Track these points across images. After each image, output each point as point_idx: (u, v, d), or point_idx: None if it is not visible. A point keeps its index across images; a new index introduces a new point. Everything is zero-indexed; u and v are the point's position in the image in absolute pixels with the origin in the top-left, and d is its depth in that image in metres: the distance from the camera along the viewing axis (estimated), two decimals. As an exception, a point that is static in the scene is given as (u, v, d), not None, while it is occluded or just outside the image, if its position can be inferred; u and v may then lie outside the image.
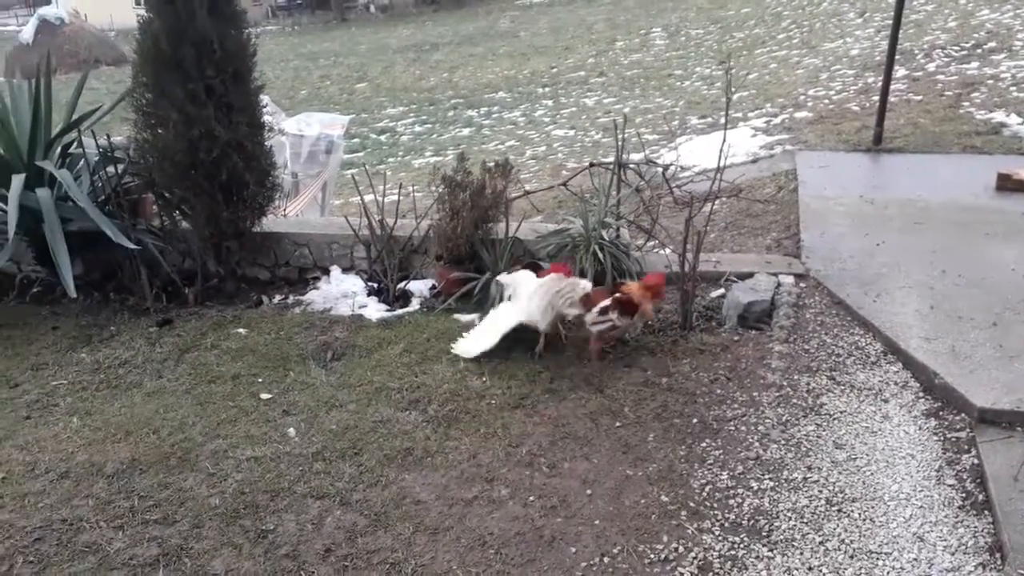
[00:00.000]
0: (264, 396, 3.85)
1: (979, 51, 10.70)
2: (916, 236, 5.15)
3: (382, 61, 23.12)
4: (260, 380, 3.99)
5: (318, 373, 4.03)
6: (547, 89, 16.15)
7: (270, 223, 5.14)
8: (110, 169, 4.88)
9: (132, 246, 4.51)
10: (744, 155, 7.67)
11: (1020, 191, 5.86)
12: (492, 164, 4.77)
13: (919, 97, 9.05)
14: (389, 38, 28.29)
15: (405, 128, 14.36)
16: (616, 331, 4.06)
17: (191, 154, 4.48)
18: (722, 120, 9.38)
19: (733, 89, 11.72)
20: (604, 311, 3.96)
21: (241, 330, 4.51)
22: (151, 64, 4.43)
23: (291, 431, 3.56)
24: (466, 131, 13.50)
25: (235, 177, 4.63)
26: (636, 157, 5.49)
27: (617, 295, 4.00)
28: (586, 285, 4.09)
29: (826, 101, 9.69)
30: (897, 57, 10.50)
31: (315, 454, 3.39)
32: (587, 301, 4.05)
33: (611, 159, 5.03)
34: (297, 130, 7.21)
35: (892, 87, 7.99)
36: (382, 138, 13.79)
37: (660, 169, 5.20)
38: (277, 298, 4.95)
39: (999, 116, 7.80)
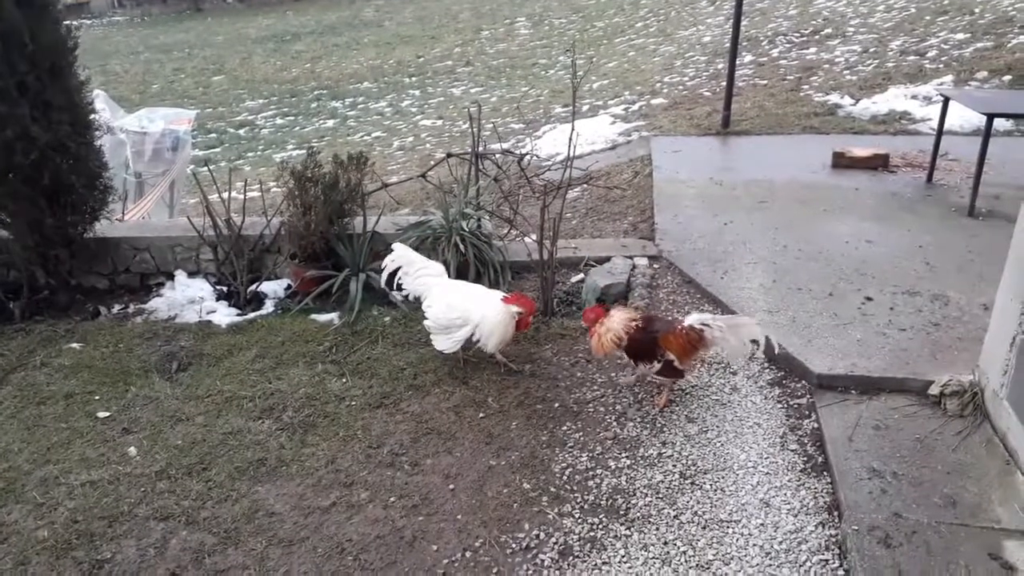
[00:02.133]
0: (101, 414, 3.57)
1: (817, 37, 11.41)
2: (761, 214, 5.41)
3: (240, 52, 22.05)
4: (97, 397, 3.70)
5: (162, 386, 3.78)
6: (414, 79, 15.94)
7: (105, 228, 4.77)
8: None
9: (-60, 260, 4.07)
10: (604, 142, 7.84)
11: (852, 167, 6.30)
12: (345, 157, 4.62)
13: (764, 81, 9.54)
14: (247, 28, 27.01)
15: (266, 121, 13.79)
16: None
17: (6, 157, 4.10)
18: (583, 108, 9.56)
19: (594, 77, 11.99)
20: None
21: (75, 345, 4.17)
22: (-50, 59, 4.00)
23: (132, 450, 3.31)
24: (331, 123, 13.11)
25: (59, 181, 4.27)
26: (499, 147, 5.48)
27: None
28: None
29: (680, 87, 10.05)
30: (744, 44, 11.06)
31: (159, 472, 3.17)
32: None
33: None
34: (139, 127, 6.73)
35: (740, 72, 8.39)
36: (241, 132, 13.18)
37: (516, 159, 5.20)
38: (116, 308, 4.62)
39: (834, 98, 8.35)
